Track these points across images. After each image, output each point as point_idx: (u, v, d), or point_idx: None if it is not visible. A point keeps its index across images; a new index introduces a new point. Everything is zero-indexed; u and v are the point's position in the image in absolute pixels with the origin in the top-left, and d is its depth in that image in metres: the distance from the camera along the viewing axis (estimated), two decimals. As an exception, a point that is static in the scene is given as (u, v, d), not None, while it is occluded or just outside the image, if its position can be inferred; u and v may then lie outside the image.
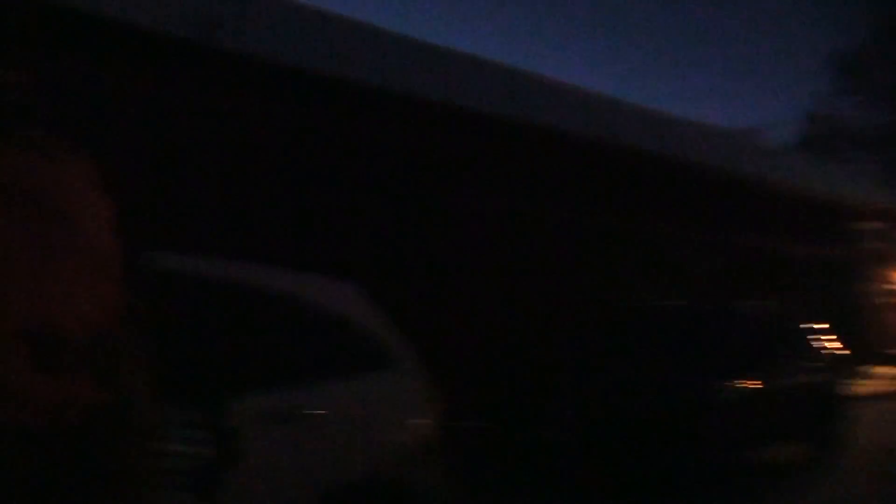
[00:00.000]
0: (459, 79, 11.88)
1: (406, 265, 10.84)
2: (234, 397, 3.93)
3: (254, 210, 9.59)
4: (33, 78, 1.31)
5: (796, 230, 18.77)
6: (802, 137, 32.37)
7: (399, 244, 10.83)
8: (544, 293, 12.83)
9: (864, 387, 15.22)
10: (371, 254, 10.37)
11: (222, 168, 9.47)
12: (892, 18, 29.84)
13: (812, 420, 9.63)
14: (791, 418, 9.21)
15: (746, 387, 8.33)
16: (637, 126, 14.88)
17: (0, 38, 1.35)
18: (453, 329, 11.09)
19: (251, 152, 9.68)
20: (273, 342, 4.44)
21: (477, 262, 11.83)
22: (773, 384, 8.80)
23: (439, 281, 11.26)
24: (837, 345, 15.44)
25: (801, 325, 10.92)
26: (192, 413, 2.61)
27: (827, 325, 14.46)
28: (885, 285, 20.54)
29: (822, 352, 11.65)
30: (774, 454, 9.41)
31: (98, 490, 1.33)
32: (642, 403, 7.68)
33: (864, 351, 18.69)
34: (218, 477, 2.56)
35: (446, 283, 11.37)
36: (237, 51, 9.21)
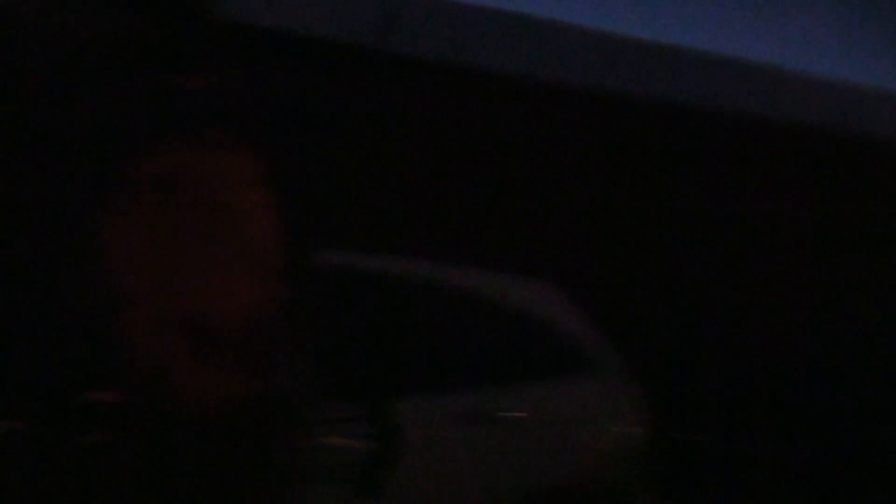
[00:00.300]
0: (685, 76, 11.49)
1: (631, 265, 10.59)
2: (422, 397, 3.91)
3: (444, 210, 9.63)
4: (212, 84, 1.36)
5: None
6: None
7: (616, 244, 10.56)
8: (779, 297, 12.20)
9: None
10: (591, 256, 10.17)
11: (408, 166, 9.57)
12: None
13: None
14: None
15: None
16: None
17: (184, 48, 1.38)
18: (672, 335, 10.72)
19: (429, 150, 9.73)
20: (464, 342, 4.39)
21: (703, 264, 11.39)
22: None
23: (664, 283, 10.91)
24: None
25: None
26: (360, 408, 2.63)
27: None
28: None
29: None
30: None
31: (250, 476, 1.35)
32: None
33: None
34: (381, 473, 2.57)
35: (671, 286, 11.01)
36: (410, 53, 9.31)
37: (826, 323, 11.05)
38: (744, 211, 11.66)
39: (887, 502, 7.06)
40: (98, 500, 1.25)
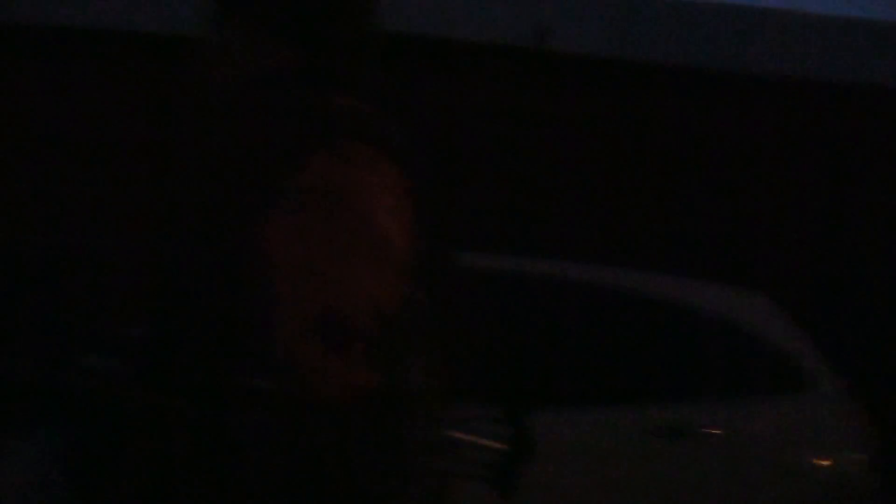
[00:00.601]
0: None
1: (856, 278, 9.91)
2: (616, 408, 3.83)
3: (653, 216, 9.36)
4: (360, 102, 1.50)
5: None
6: None
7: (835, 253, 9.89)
8: None
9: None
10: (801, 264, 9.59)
11: (570, 169, 9.38)
12: None
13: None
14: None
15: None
16: None
17: (338, 70, 1.53)
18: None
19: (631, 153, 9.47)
20: (666, 353, 4.25)
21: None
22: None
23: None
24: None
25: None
26: (497, 409, 2.65)
27: None
28: None
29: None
30: None
31: (372, 464, 1.45)
32: None
33: None
34: (514, 473, 2.58)
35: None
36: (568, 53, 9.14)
37: None
38: None
39: None
40: (251, 476, 1.39)
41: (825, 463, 4.35)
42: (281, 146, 1.39)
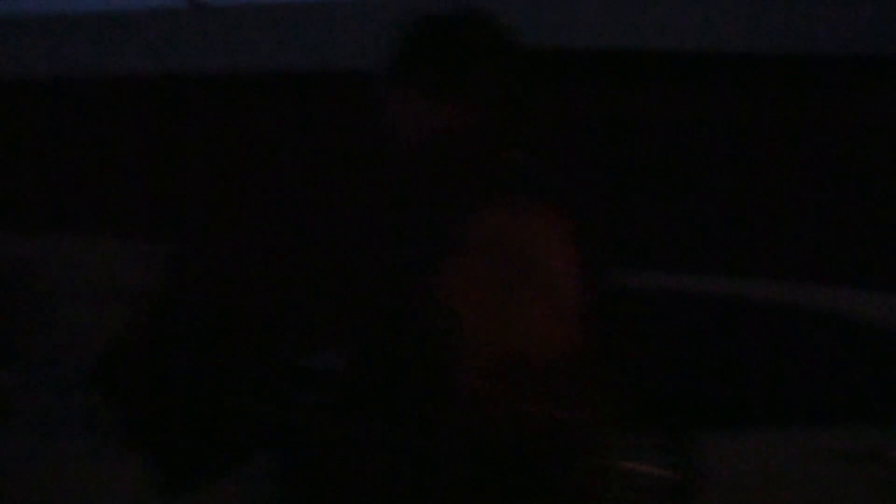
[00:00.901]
0: None
1: None
2: (793, 429, 3.66)
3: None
4: (522, 153, 1.66)
5: None
6: None
7: None
8: None
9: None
10: None
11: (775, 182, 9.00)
12: None
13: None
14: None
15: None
16: None
17: (501, 122, 1.67)
18: None
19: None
20: (841, 371, 4.03)
21: None
22: None
23: None
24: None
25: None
26: (665, 436, 2.58)
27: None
28: None
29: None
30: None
31: (551, 493, 1.55)
32: None
33: None
34: (684, 501, 2.50)
35: None
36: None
37: None
38: None
39: None
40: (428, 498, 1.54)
41: None
42: (456, 200, 1.56)
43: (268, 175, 12.58)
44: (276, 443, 1.70)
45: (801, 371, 4.04)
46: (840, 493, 3.81)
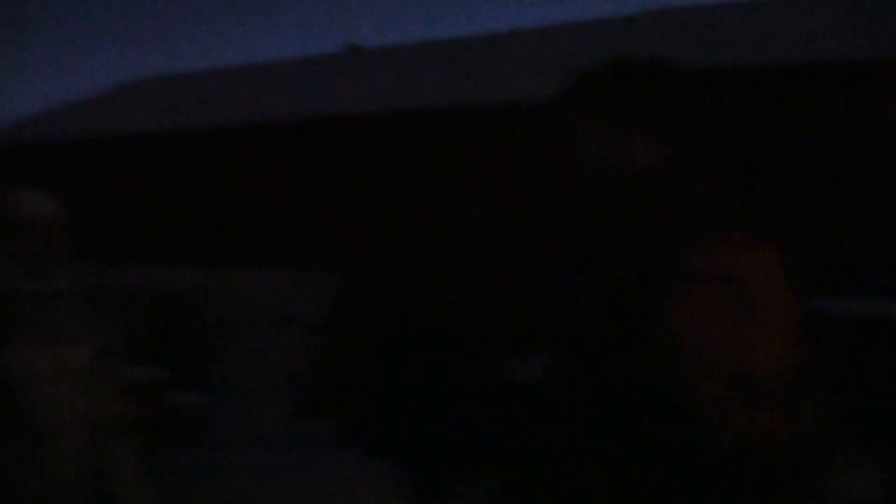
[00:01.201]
0: None
1: None
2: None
3: None
4: (719, 187, 1.78)
5: None
6: None
7: None
8: None
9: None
10: None
11: None
12: None
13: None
14: None
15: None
16: None
17: (694, 157, 1.80)
18: None
19: None
20: None
21: None
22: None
23: None
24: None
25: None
26: (879, 453, 2.58)
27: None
28: None
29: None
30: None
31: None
32: None
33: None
34: None
35: None
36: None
37: None
38: None
39: None
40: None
41: None
42: (669, 232, 1.70)
43: (432, 206, 12.69)
44: (502, 458, 1.80)
45: None
46: None
